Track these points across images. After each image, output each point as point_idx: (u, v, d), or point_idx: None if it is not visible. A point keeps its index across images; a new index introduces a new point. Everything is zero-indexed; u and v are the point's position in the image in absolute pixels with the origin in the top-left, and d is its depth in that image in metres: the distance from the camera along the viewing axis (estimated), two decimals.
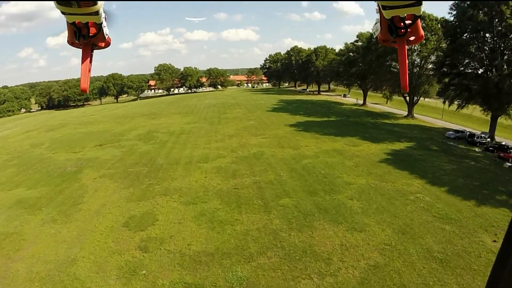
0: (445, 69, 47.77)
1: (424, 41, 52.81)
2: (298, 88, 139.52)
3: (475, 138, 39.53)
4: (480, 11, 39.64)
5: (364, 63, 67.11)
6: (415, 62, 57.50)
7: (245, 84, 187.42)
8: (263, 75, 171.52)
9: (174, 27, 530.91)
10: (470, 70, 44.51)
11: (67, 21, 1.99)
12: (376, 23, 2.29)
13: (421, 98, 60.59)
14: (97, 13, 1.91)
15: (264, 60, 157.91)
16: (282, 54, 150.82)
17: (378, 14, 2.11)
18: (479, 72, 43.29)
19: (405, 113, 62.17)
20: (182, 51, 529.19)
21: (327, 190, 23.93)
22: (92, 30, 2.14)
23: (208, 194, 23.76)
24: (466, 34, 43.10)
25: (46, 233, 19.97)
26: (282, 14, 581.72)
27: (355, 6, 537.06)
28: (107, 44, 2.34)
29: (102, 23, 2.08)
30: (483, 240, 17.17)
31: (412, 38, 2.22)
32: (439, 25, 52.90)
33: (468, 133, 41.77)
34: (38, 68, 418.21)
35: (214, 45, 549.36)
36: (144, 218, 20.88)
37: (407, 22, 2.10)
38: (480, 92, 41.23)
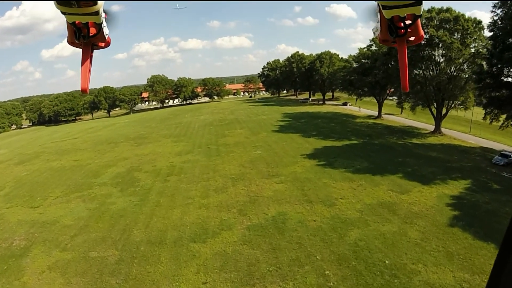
0: (489, 80, 39.15)
1: (461, 47, 44.59)
2: (300, 97, 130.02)
3: None
4: None
5: (385, 71, 57.34)
6: (446, 70, 48.76)
7: (242, 93, 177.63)
8: (261, 84, 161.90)
9: (168, 36, 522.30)
10: None
11: (67, 21, 1.93)
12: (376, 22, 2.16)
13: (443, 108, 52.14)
14: (97, 13, 1.86)
15: (262, 68, 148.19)
16: (281, 61, 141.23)
17: (378, 13, 2.04)
18: None
19: (428, 126, 54.64)
20: (177, 60, 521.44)
21: None
22: (92, 30, 2.06)
23: None
24: None
25: None
26: (275, 20, 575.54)
27: (347, 9, 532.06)
28: (107, 44, 2.25)
29: (102, 23, 2.02)
30: None
31: (412, 38, 2.17)
32: (474, 27, 44.55)
33: None
34: (34, 80, 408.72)
35: (209, 54, 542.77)
36: None
37: (407, 22, 2.05)
38: None
